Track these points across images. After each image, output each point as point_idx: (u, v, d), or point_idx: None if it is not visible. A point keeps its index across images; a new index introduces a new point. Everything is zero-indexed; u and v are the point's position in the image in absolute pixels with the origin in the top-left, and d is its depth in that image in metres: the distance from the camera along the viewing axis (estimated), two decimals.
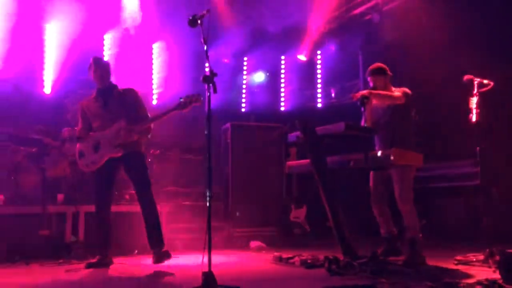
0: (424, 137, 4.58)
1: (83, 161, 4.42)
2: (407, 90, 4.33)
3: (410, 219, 4.18)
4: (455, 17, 6.05)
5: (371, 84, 4.46)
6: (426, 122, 4.55)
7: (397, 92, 4.29)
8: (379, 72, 4.44)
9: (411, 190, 4.22)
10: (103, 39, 7.28)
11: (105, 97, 4.42)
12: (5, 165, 5.26)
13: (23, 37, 6.34)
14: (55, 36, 6.80)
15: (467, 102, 4.26)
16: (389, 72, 4.46)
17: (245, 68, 8.67)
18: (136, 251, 4.98)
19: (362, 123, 4.29)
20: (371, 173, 4.48)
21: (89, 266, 4.15)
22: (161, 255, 4.09)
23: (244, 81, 8.59)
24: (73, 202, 5.21)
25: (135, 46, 7.10)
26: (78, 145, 4.49)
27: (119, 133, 4.20)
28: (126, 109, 4.32)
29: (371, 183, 4.48)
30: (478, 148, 4.32)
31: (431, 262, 4.16)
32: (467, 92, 4.26)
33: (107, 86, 4.47)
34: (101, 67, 4.44)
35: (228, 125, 6.42)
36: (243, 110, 8.45)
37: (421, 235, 4.24)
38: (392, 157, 3.89)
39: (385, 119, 4.36)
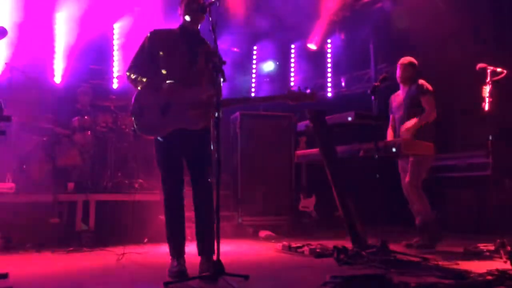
0: (435, 127, 4.56)
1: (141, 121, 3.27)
2: (424, 82, 4.48)
3: (419, 205, 4.27)
4: (469, 4, 5.94)
5: (398, 72, 4.62)
6: (438, 111, 4.51)
7: (427, 100, 4.44)
8: (412, 64, 4.61)
9: (420, 178, 4.33)
10: (113, 28, 7.28)
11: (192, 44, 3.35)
12: (16, 154, 5.31)
13: (33, 26, 6.35)
14: (66, 25, 6.80)
15: (480, 91, 4.21)
16: (416, 67, 4.63)
17: (254, 57, 8.63)
18: (146, 239, 5.02)
19: (373, 112, 4.26)
20: (398, 162, 4.60)
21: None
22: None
23: (254, 70, 8.55)
24: (83, 191, 5.25)
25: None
26: (141, 97, 3.29)
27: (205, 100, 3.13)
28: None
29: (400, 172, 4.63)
30: (490, 138, 4.26)
31: (441, 252, 4.15)
32: (480, 80, 4.19)
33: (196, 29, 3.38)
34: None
35: (237, 114, 6.40)
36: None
37: (433, 216, 4.32)
38: (401, 146, 3.87)
39: (399, 112, 4.46)
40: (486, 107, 4.13)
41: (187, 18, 3.31)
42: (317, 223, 6.11)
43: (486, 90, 4.14)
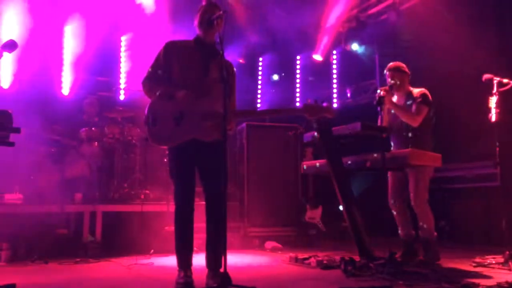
0: (442, 137, 4.52)
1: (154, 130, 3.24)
2: (426, 91, 4.30)
3: (424, 220, 4.16)
4: (474, 15, 5.95)
5: (388, 79, 4.43)
6: (445, 122, 4.48)
7: (419, 106, 4.21)
8: (397, 69, 4.43)
9: (427, 191, 4.19)
10: (120, 41, 7.36)
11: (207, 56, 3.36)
12: (24, 165, 5.35)
13: (42, 38, 6.44)
14: (74, 38, 6.89)
15: (486, 102, 4.19)
16: (407, 71, 4.43)
17: (260, 68, 8.68)
18: (152, 251, 5.02)
19: (379, 123, 4.26)
20: (389, 172, 4.44)
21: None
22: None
23: (260, 82, 8.60)
24: (90, 202, 5.27)
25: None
26: (155, 106, 3.27)
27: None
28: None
29: (389, 183, 4.45)
30: (497, 148, 4.24)
31: (449, 263, 4.11)
32: (487, 91, 4.19)
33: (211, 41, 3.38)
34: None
35: (243, 125, 6.42)
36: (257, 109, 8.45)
37: (436, 234, 4.21)
38: (409, 158, 3.85)
39: (397, 118, 4.36)
40: (493, 118, 4.12)
41: (200, 30, 3.36)
42: (324, 235, 6.08)
43: (493, 100, 4.13)
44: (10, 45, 3.01)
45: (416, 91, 4.35)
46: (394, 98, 4.43)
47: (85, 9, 6.59)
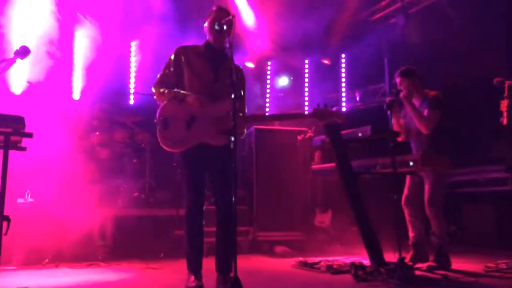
0: (453, 141, 4.49)
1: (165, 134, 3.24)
2: (438, 93, 4.29)
3: (437, 225, 4.14)
4: (483, 17, 5.92)
5: (398, 86, 4.43)
6: (455, 125, 4.45)
7: (429, 112, 4.21)
8: (405, 74, 4.42)
9: (442, 196, 4.18)
10: (130, 46, 7.42)
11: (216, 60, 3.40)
12: (36, 170, 5.39)
13: (54, 44, 6.50)
14: (85, 43, 6.96)
15: (497, 105, 4.16)
16: (417, 75, 4.42)
17: (269, 72, 8.69)
18: (162, 254, 5.03)
19: (389, 127, 4.25)
20: (407, 175, 4.45)
21: None
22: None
23: (268, 85, 8.61)
24: (101, 206, 5.30)
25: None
26: (166, 110, 3.28)
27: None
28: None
29: (406, 185, 4.46)
30: (509, 152, 4.20)
31: (460, 268, 4.07)
32: (498, 94, 4.16)
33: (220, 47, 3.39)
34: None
35: (252, 129, 6.43)
36: (267, 114, 8.46)
37: (447, 240, 4.18)
38: (419, 161, 3.84)
39: (414, 121, 4.35)
40: (504, 121, 4.09)
41: (210, 35, 3.39)
42: (333, 239, 6.06)
43: (504, 104, 4.10)
44: (23, 52, 3.05)
45: (431, 93, 4.35)
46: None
47: (96, 14, 6.65)
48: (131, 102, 7.32)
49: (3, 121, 2.58)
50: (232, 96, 2.90)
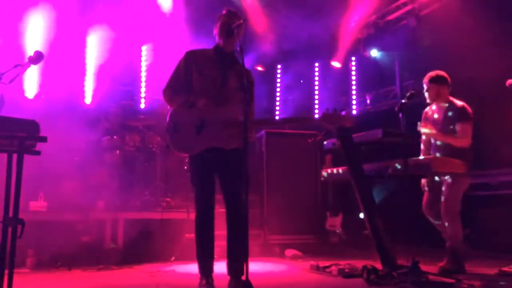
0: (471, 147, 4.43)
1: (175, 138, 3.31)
2: (466, 106, 4.29)
3: (452, 229, 4.11)
4: (495, 18, 5.86)
5: (424, 91, 4.45)
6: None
7: (463, 127, 4.22)
8: (434, 81, 4.41)
9: (459, 202, 4.15)
10: (141, 50, 7.48)
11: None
12: (49, 173, 5.44)
13: (66, 49, 6.58)
14: (96, 48, 7.03)
15: (510, 107, 4.12)
16: (447, 82, 4.41)
17: (278, 75, 8.70)
18: (173, 258, 5.04)
19: (401, 129, 4.23)
20: (423, 179, 4.45)
21: None
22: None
23: (278, 88, 8.61)
24: (112, 209, 5.34)
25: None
26: (176, 114, 3.34)
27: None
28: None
29: (425, 193, 4.44)
30: None
31: (474, 272, 4.03)
32: (511, 96, 4.11)
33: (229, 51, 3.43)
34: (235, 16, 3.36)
35: (262, 132, 6.43)
36: (276, 117, 8.46)
37: (464, 244, 4.15)
38: (432, 164, 3.81)
39: (435, 128, 4.34)
40: None
41: (219, 39, 3.41)
42: (345, 242, 6.02)
43: None
44: (37, 57, 3.08)
45: (458, 103, 4.31)
46: (433, 108, 4.46)
47: (107, 20, 6.72)
48: (142, 106, 7.37)
49: (18, 126, 2.62)
50: (242, 100, 2.90)
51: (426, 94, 4.42)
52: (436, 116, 4.46)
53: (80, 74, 7.01)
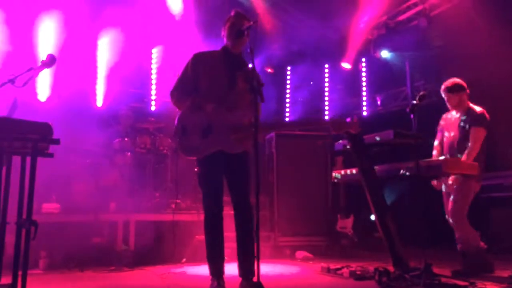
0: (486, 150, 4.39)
1: (183, 141, 3.32)
2: (484, 111, 4.25)
3: (460, 232, 4.08)
4: (506, 18, 5.80)
5: (446, 101, 4.43)
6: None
7: (474, 132, 4.18)
8: (451, 90, 4.37)
9: (467, 204, 4.10)
10: (151, 53, 7.53)
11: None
12: (61, 175, 5.50)
13: (77, 52, 6.64)
14: (107, 51, 7.09)
15: None
16: (465, 89, 4.37)
17: (288, 77, 8.69)
18: (184, 259, 5.06)
19: (413, 130, 4.20)
20: (443, 184, 4.41)
21: None
22: None
23: (288, 90, 8.61)
24: (124, 211, 5.37)
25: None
26: (184, 118, 3.35)
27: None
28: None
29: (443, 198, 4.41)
30: None
31: (488, 275, 3.98)
32: None
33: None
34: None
35: (272, 134, 6.43)
36: (287, 119, 8.46)
37: (479, 247, 4.11)
38: (443, 166, 3.78)
39: (452, 131, 4.33)
40: None
41: (228, 42, 3.40)
42: (356, 244, 6.00)
43: None
44: (50, 61, 3.10)
45: (477, 109, 4.28)
46: (453, 113, 4.44)
47: (118, 23, 6.77)
48: (153, 108, 7.41)
49: (32, 128, 2.64)
50: (251, 102, 2.90)
51: (448, 104, 4.38)
52: (455, 120, 4.43)
53: (91, 77, 7.07)
